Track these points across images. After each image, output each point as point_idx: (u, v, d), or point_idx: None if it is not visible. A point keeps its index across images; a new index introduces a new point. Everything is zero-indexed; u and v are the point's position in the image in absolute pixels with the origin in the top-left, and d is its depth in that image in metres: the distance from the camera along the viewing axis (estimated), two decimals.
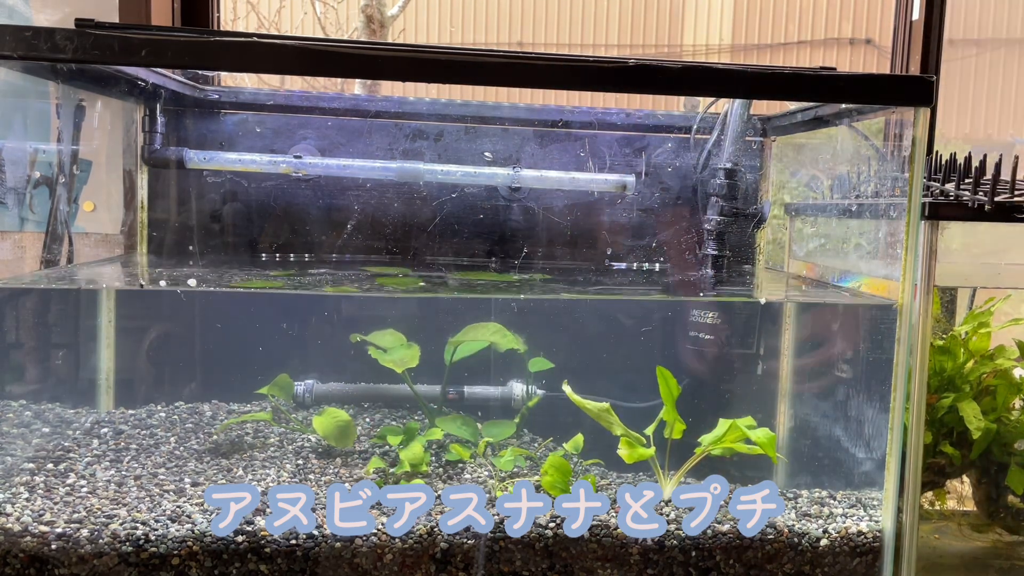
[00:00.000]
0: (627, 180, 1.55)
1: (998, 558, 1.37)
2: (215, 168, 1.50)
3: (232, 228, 1.56)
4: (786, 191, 1.67)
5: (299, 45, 0.97)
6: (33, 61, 0.97)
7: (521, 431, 1.43)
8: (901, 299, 1.14)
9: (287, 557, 1.04)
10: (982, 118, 4.76)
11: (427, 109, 1.57)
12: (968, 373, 1.36)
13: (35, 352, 1.41)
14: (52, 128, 1.39)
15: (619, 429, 1.23)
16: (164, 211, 1.55)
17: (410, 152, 1.57)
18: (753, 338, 1.49)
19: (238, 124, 1.56)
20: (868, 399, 1.25)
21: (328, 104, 1.56)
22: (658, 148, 1.62)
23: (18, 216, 1.36)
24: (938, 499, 1.44)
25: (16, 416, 1.36)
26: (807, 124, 1.48)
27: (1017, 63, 4.78)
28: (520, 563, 1.09)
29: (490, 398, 1.48)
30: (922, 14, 1.85)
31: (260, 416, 1.42)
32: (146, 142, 1.49)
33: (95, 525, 1.04)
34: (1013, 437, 1.34)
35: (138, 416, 1.46)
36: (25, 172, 1.35)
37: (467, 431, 1.36)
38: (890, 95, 1.09)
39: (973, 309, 1.43)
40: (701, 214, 1.57)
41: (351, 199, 1.55)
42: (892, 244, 1.18)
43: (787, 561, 1.13)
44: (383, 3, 3.96)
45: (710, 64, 1.04)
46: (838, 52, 4.89)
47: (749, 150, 1.62)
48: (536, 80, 1.01)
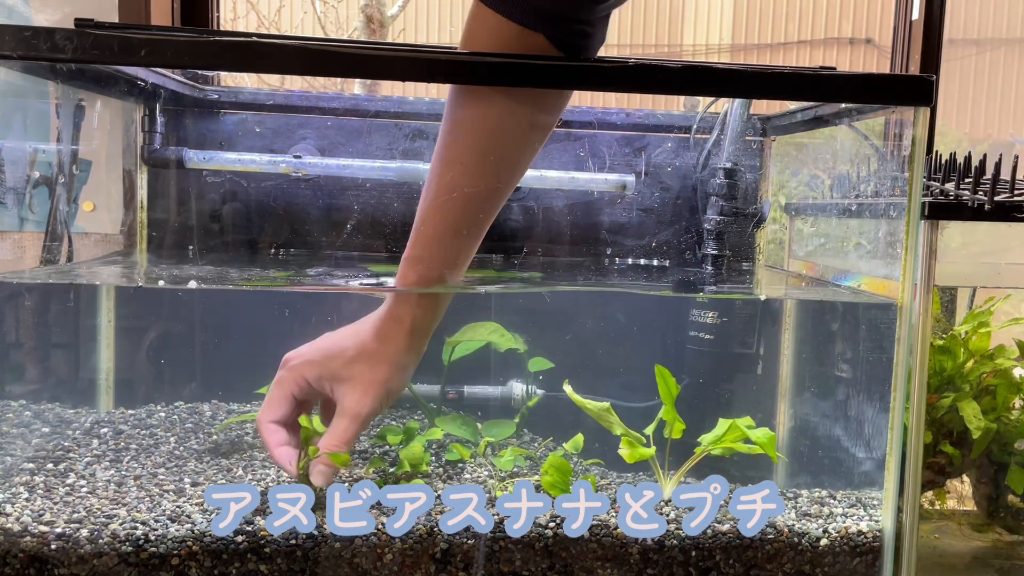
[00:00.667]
0: (627, 180, 1.55)
1: (998, 558, 1.37)
2: (215, 168, 1.50)
3: (232, 227, 1.56)
4: (786, 191, 1.67)
5: (299, 45, 0.97)
6: (33, 61, 0.97)
7: (521, 431, 1.43)
8: (901, 299, 1.14)
9: (287, 557, 1.04)
10: (982, 118, 4.77)
11: (427, 109, 1.57)
12: (968, 373, 1.36)
13: (34, 351, 1.41)
14: (52, 128, 1.39)
15: (619, 429, 1.23)
16: (164, 211, 1.55)
17: (410, 152, 1.57)
18: (753, 337, 1.49)
19: (238, 124, 1.56)
20: (868, 399, 1.25)
21: (328, 104, 1.56)
22: (658, 148, 1.62)
23: (17, 216, 1.36)
24: (938, 499, 1.44)
25: (16, 416, 1.36)
26: (807, 124, 1.48)
27: (1017, 63, 4.78)
28: (520, 563, 1.09)
29: (490, 398, 1.48)
30: (922, 14, 1.85)
31: None
32: (146, 142, 1.49)
33: (95, 525, 1.04)
34: (1013, 437, 1.34)
35: (138, 416, 1.46)
36: (25, 172, 1.35)
37: (467, 431, 1.36)
38: (890, 95, 1.09)
39: (973, 309, 1.43)
40: (701, 214, 1.57)
41: (351, 199, 1.55)
42: (892, 244, 1.18)
43: (787, 561, 1.13)
44: (383, 3, 3.96)
45: (710, 64, 1.04)
46: (838, 52, 4.90)
47: (749, 150, 1.62)
48: (535, 79, 1.01)
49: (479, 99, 1.05)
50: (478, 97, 1.05)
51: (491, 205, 1.12)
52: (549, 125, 1.12)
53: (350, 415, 1.12)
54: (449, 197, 1.08)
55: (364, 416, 1.13)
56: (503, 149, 1.08)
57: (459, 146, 1.08)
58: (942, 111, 4.02)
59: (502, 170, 1.10)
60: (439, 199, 1.09)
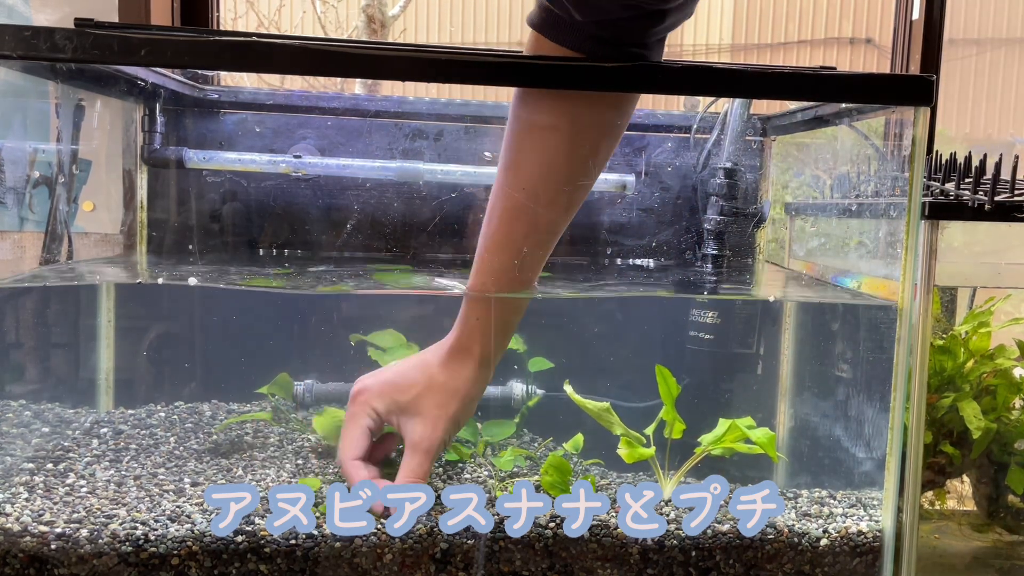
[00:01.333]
0: (627, 179, 1.55)
1: (998, 558, 1.37)
2: (215, 168, 1.50)
3: (232, 227, 1.56)
4: (787, 191, 1.67)
5: (299, 45, 0.97)
6: (32, 61, 0.97)
7: (521, 431, 1.43)
8: (901, 299, 1.14)
9: (287, 557, 1.04)
10: (982, 118, 4.77)
11: (427, 109, 1.57)
12: (968, 373, 1.35)
13: (34, 351, 1.41)
14: (52, 128, 1.39)
15: (619, 429, 1.23)
16: (164, 211, 1.55)
17: (410, 152, 1.57)
18: (753, 337, 1.49)
19: (238, 124, 1.56)
20: (868, 399, 1.25)
21: (328, 104, 1.56)
22: (658, 147, 1.62)
23: (17, 216, 1.36)
24: (938, 499, 1.44)
25: (16, 416, 1.36)
26: (807, 124, 1.48)
27: (1017, 63, 4.78)
28: (520, 563, 1.09)
29: (489, 398, 1.48)
30: (922, 14, 1.85)
31: (260, 416, 1.42)
32: (146, 142, 1.49)
33: (95, 525, 1.04)
34: (1013, 437, 1.34)
35: (138, 416, 1.46)
36: (24, 172, 1.35)
37: (467, 431, 1.36)
38: (890, 94, 1.09)
39: (973, 309, 1.43)
40: (701, 213, 1.57)
41: (351, 198, 1.55)
42: (892, 244, 1.18)
43: (787, 561, 1.13)
44: (384, 3, 3.96)
45: (710, 64, 1.04)
46: (838, 52, 4.90)
47: (749, 149, 1.62)
48: (536, 79, 1.01)
49: (540, 129, 1.05)
50: (539, 127, 1.04)
51: (558, 227, 1.12)
52: (610, 146, 1.10)
53: (423, 450, 1.13)
54: (514, 226, 1.08)
55: (435, 450, 1.14)
56: (567, 174, 1.07)
57: (522, 175, 1.07)
58: (942, 111, 4.02)
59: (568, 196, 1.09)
60: (504, 231, 1.09)
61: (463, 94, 1.60)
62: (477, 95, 1.62)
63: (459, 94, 1.59)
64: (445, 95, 1.58)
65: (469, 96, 1.60)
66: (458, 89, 1.59)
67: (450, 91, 1.58)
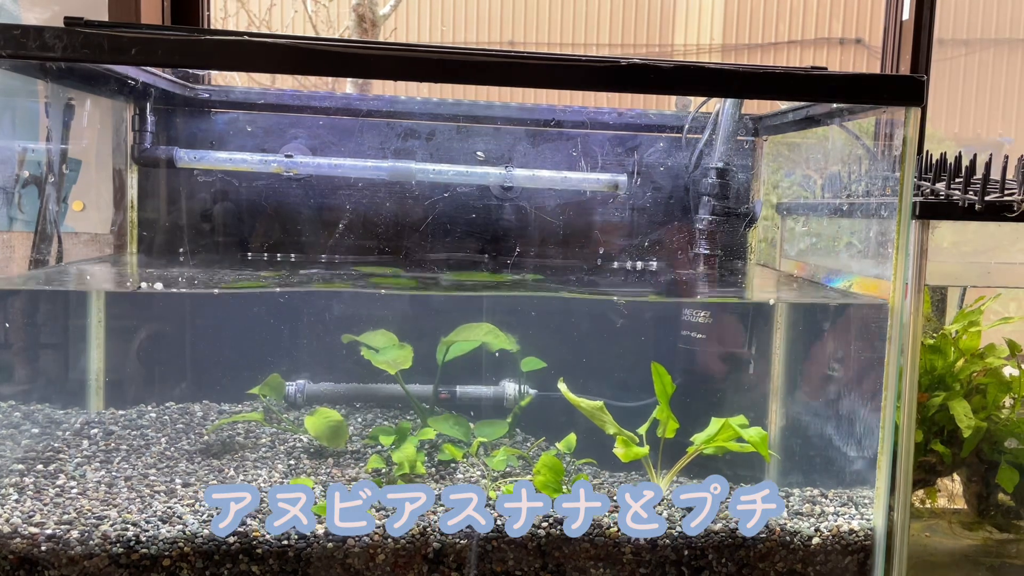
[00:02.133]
0: (619, 179, 1.55)
1: (988, 555, 1.38)
2: (205, 167, 1.50)
3: (223, 228, 1.55)
4: (778, 191, 1.68)
5: (290, 44, 0.96)
6: (22, 60, 0.96)
7: (513, 431, 1.43)
8: (892, 298, 1.14)
9: (279, 558, 1.04)
10: (971, 118, 4.79)
11: (419, 108, 1.56)
12: (958, 372, 1.36)
13: (24, 352, 1.40)
14: (41, 127, 1.38)
15: (612, 428, 1.23)
16: (154, 210, 1.54)
17: (402, 151, 1.57)
18: (744, 337, 1.49)
19: (229, 123, 1.55)
20: (859, 398, 1.25)
21: (319, 103, 1.56)
22: (650, 147, 1.62)
23: (6, 216, 1.35)
24: (929, 497, 1.44)
25: (5, 417, 1.35)
26: (798, 124, 1.49)
27: (1006, 63, 4.81)
28: (513, 562, 1.09)
29: (482, 398, 1.48)
30: (912, 14, 1.86)
31: (251, 416, 1.42)
32: (136, 141, 1.48)
33: (85, 526, 1.03)
34: (1003, 435, 1.35)
35: (128, 417, 1.46)
36: (13, 171, 1.34)
37: (459, 431, 1.36)
38: (881, 95, 1.10)
39: (963, 308, 1.44)
40: (693, 213, 1.57)
41: (342, 198, 1.55)
42: (883, 243, 1.18)
43: (779, 560, 1.13)
44: (375, 2, 3.95)
45: (702, 64, 1.04)
46: (828, 52, 4.91)
47: (740, 149, 1.62)
48: (528, 80, 1.01)
49: None
50: None
51: None
52: None
53: None
54: None
55: None
56: None
57: None
58: (932, 112, 4.04)
59: None
60: None
61: (455, 93, 1.59)
62: (468, 94, 1.62)
63: (451, 93, 1.59)
64: (436, 95, 1.58)
65: (461, 95, 1.60)
66: (450, 88, 1.59)
67: (442, 90, 1.58)
